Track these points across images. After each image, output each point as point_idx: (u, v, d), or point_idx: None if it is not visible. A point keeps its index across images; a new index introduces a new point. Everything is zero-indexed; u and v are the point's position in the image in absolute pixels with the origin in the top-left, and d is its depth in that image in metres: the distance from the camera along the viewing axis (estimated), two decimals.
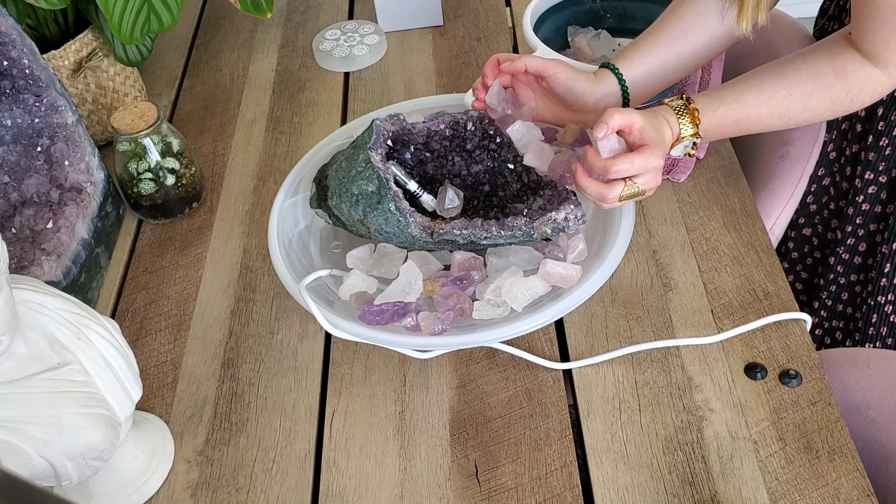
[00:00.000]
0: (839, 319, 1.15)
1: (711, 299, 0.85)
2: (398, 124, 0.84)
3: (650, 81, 0.89)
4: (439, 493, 0.73)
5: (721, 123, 0.82)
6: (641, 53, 0.88)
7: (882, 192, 1.02)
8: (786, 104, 0.80)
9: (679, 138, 0.81)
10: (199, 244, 0.99)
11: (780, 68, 0.82)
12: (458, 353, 0.83)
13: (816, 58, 0.81)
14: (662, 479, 0.72)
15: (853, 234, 1.07)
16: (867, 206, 1.04)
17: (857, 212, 1.05)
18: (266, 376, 0.84)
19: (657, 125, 0.79)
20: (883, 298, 1.06)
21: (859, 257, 1.08)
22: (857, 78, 0.79)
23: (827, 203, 1.10)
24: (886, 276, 1.05)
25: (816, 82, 0.80)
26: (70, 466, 0.66)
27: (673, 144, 0.82)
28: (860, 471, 0.71)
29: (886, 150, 1.00)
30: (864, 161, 1.02)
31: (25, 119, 0.93)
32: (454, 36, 1.25)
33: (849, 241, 1.08)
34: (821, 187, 1.10)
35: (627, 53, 0.89)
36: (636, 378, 0.80)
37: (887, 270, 1.04)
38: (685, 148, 0.83)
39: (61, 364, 0.65)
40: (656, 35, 0.89)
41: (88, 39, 1.05)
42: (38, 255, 0.88)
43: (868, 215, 1.04)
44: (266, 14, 1.08)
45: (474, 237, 0.78)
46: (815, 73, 0.80)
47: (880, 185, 1.02)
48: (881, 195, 1.02)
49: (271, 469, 0.77)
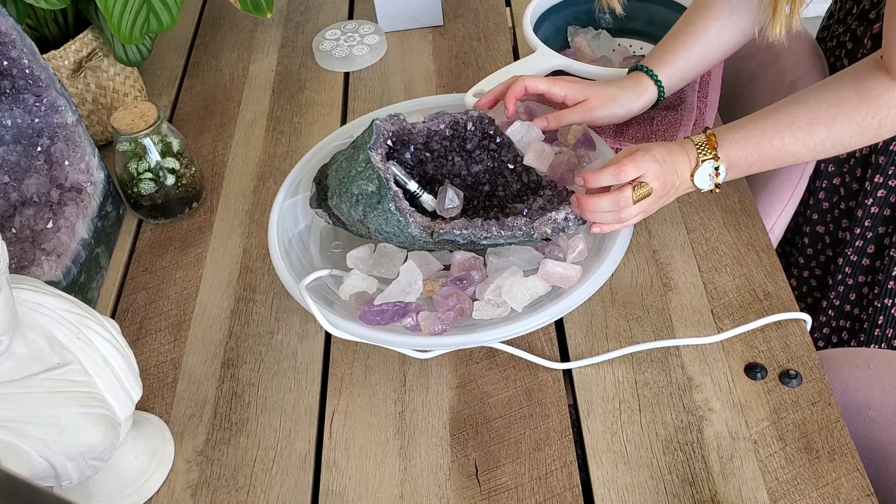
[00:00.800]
0: (846, 319, 1.14)
1: (711, 299, 0.85)
2: (398, 124, 0.84)
3: (681, 82, 0.91)
4: (439, 493, 0.73)
5: (742, 149, 0.80)
6: (677, 56, 0.89)
7: (891, 196, 1.02)
8: (808, 130, 0.78)
9: (698, 163, 0.80)
10: (199, 244, 0.99)
11: (803, 96, 0.80)
12: (458, 353, 0.83)
13: (841, 83, 0.79)
14: (662, 479, 0.72)
15: (861, 236, 1.06)
16: (876, 209, 1.04)
17: (866, 214, 1.04)
18: (266, 376, 0.84)
19: (672, 153, 0.80)
20: (890, 301, 1.06)
21: (867, 259, 1.08)
22: (884, 101, 0.76)
23: (837, 203, 1.10)
24: (894, 278, 1.05)
25: (839, 107, 0.77)
26: (70, 466, 0.65)
27: (693, 172, 0.80)
28: (860, 471, 0.71)
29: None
30: (874, 164, 1.01)
31: (25, 119, 0.93)
32: (454, 36, 1.25)
33: (857, 242, 1.07)
34: (832, 185, 1.10)
35: (663, 56, 0.89)
36: (636, 378, 0.80)
37: (895, 273, 1.04)
38: (710, 178, 0.81)
39: (61, 364, 0.65)
40: (690, 36, 0.89)
41: (88, 39, 1.05)
42: (38, 255, 0.88)
43: (877, 218, 1.04)
44: (266, 14, 1.08)
45: (474, 237, 0.78)
46: (837, 97, 0.78)
47: (889, 188, 1.01)
48: (890, 198, 1.02)
49: (271, 469, 0.77)
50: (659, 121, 1.03)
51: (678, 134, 1.00)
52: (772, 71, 1.17)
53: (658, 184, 0.78)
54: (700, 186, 0.81)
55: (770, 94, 1.16)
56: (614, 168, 0.78)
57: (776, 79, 1.16)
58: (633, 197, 0.78)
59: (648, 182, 0.78)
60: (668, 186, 0.80)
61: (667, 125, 1.02)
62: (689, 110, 1.03)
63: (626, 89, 0.89)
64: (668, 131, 1.01)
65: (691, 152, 0.81)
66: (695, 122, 1.02)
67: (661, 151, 0.79)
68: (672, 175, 0.80)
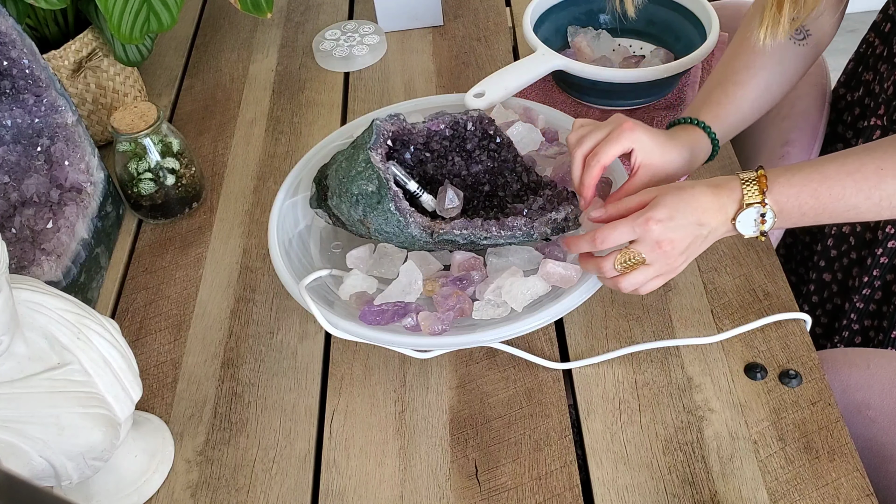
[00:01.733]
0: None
1: (711, 299, 0.85)
2: (398, 124, 0.84)
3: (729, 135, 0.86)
4: (439, 493, 0.73)
5: (797, 195, 0.70)
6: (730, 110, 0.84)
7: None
8: (875, 180, 0.69)
9: (742, 206, 0.71)
10: (199, 244, 0.99)
11: (871, 145, 0.71)
12: (458, 353, 0.83)
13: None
14: (662, 479, 0.72)
15: (869, 283, 1.04)
16: (885, 259, 1.00)
17: (875, 263, 1.02)
18: (266, 376, 0.84)
19: (695, 199, 0.71)
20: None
21: (874, 304, 1.06)
22: None
23: (847, 251, 1.06)
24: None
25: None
26: (70, 466, 0.66)
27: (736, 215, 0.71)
28: (860, 471, 0.71)
29: None
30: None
31: (25, 119, 0.93)
32: (454, 36, 1.25)
33: (864, 290, 1.05)
34: (840, 233, 1.06)
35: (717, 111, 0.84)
36: (636, 378, 0.80)
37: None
38: (755, 224, 0.72)
39: (61, 364, 0.65)
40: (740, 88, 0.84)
41: (88, 39, 1.05)
42: (38, 255, 0.88)
43: (885, 267, 1.02)
44: (266, 14, 1.08)
45: (474, 237, 0.78)
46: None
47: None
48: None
49: (271, 469, 0.77)
50: (659, 121, 1.03)
51: None
52: None
53: (657, 250, 0.71)
54: (743, 232, 0.72)
55: None
56: (590, 235, 0.72)
57: None
58: (618, 267, 0.71)
59: (639, 250, 0.71)
60: (681, 244, 0.71)
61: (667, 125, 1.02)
62: None
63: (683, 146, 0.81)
64: None
65: (734, 193, 0.71)
66: None
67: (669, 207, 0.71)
68: (686, 230, 0.71)
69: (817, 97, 1.10)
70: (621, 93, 1.03)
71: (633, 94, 1.03)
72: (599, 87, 1.02)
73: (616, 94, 1.03)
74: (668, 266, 0.73)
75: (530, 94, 1.08)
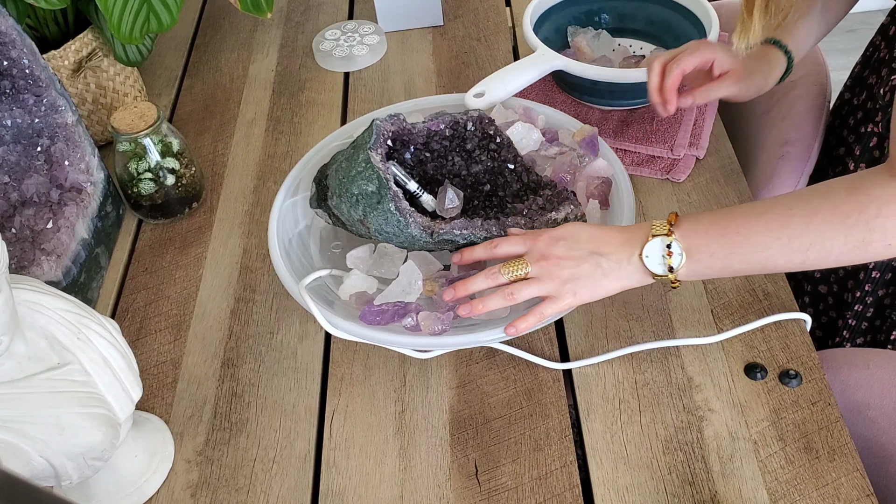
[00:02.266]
0: None
1: (711, 299, 0.85)
2: (398, 124, 0.84)
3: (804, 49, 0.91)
4: (439, 493, 0.73)
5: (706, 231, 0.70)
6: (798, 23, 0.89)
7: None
8: (783, 220, 0.67)
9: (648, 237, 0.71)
10: (199, 244, 0.99)
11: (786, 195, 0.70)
12: (458, 353, 0.83)
13: (836, 181, 0.68)
14: (662, 479, 0.72)
15: (861, 300, 1.04)
16: (877, 274, 1.01)
17: (868, 277, 1.02)
18: (266, 376, 0.84)
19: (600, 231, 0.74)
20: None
21: (866, 322, 1.06)
22: (875, 196, 0.63)
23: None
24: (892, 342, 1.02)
25: (825, 198, 0.66)
26: (70, 466, 0.66)
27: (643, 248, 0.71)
28: (860, 471, 0.71)
29: None
30: None
31: (25, 119, 0.93)
32: (454, 36, 1.25)
33: (857, 306, 1.05)
34: None
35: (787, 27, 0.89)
36: (636, 378, 0.80)
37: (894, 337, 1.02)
38: (662, 259, 0.71)
39: (61, 364, 0.65)
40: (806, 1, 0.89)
41: (88, 39, 1.05)
42: (38, 255, 0.88)
43: (878, 282, 1.02)
44: (266, 14, 1.08)
45: (474, 237, 0.78)
46: (825, 190, 0.67)
47: None
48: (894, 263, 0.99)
49: (271, 469, 0.77)
50: (659, 121, 1.03)
51: (678, 134, 1.00)
52: None
53: (541, 262, 0.72)
54: (651, 268, 0.71)
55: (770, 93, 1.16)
56: (488, 243, 0.75)
57: None
58: (505, 274, 0.73)
59: (528, 261, 0.73)
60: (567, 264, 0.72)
61: (667, 125, 1.02)
62: (688, 110, 1.04)
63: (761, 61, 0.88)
64: (668, 131, 1.01)
65: (642, 230, 0.72)
66: (695, 121, 1.02)
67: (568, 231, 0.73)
68: (576, 253, 0.72)
69: (817, 97, 1.10)
70: (621, 93, 1.03)
71: (633, 94, 1.03)
72: (599, 87, 1.02)
73: (616, 94, 1.03)
74: (551, 285, 0.72)
75: (530, 94, 1.08)
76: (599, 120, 1.04)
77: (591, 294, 0.73)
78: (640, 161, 1.00)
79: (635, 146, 1.00)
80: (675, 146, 0.99)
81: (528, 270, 0.73)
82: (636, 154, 1.01)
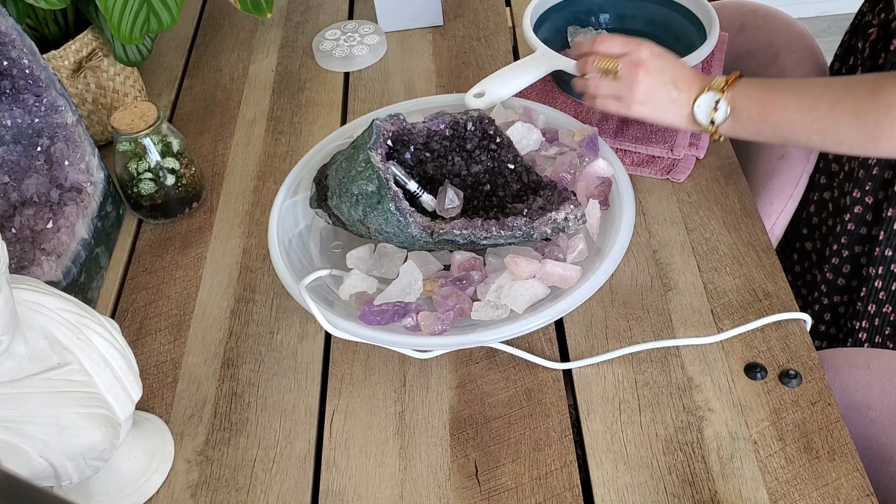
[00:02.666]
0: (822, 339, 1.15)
1: (711, 299, 0.85)
2: (398, 124, 0.84)
3: None
4: (439, 493, 0.73)
5: (750, 96, 0.79)
6: None
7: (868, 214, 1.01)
8: (813, 101, 0.76)
9: (703, 90, 0.80)
10: (199, 244, 0.99)
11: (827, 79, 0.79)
12: (458, 353, 0.83)
13: (867, 75, 0.76)
14: (662, 479, 0.72)
15: (838, 253, 1.06)
16: (853, 226, 1.03)
17: (844, 230, 1.04)
18: (266, 376, 0.84)
19: (683, 67, 0.82)
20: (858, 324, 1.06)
21: (843, 279, 1.07)
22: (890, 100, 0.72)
23: (826, 219, 1.09)
24: (863, 300, 1.04)
25: (849, 91, 0.75)
26: (70, 466, 0.66)
27: (696, 98, 0.80)
28: (860, 471, 0.71)
29: (874, 170, 0.99)
30: (855, 178, 1.01)
31: (25, 119, 0.93)
32: (454, 36, 1.25)
33: (833, 260, 1.07)
34: (822, 199, 1.09)
35: None
36: (636, 378, 0.80)
37: (863, 294, 1.03)
38: (708, 112, 0.80)
39: (61, 364, 0.65)
40: None
41: (88, 39, 1.05)
42: (38, 255, 0.88)
43: (853, 235, 1.03)
44: (266, 14, 1.08)
45: (474, 237, 0.78)
46: (853, 84, 0.76)
47: (866, 205, 1.01)
48: (867, 216, 1.01)
49: (271, 469, 0.77)
50: None
51: (678, 134, 1.00)
52: (772, 71, 1.18)
53: (632, 69, 0.80)
54: (697, 116, 0.81)
55: None
56: (593, 38, 0.84)
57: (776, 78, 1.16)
58: (595, 67, 0.81)
59: (620, 62, 0.81)
60: (650, 81, 0.80)
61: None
62: None
63: None
64: (667, 131, 1.01)
65: (708, 78, 0.80)
66: None
67: (663, 53, 0.82)
68: (661, 76, 0.81)
69: None
70: None
71: None
72: None
73: None
74: (628, 92, 0.82)
75: (530, 94, 1.08)
76: (599, 120, 1.04)
77: (651, 115, 0.84)
78: (641, 161, 1.00)
79: (635, 146, 1.00)
80: (675, 146, 0.99)
81: (618, 68, 0.82)
82: (636, 154, 1.01)
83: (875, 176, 0.99)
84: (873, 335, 1.08)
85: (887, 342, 1.08)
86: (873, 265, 1.02)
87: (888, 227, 0.99)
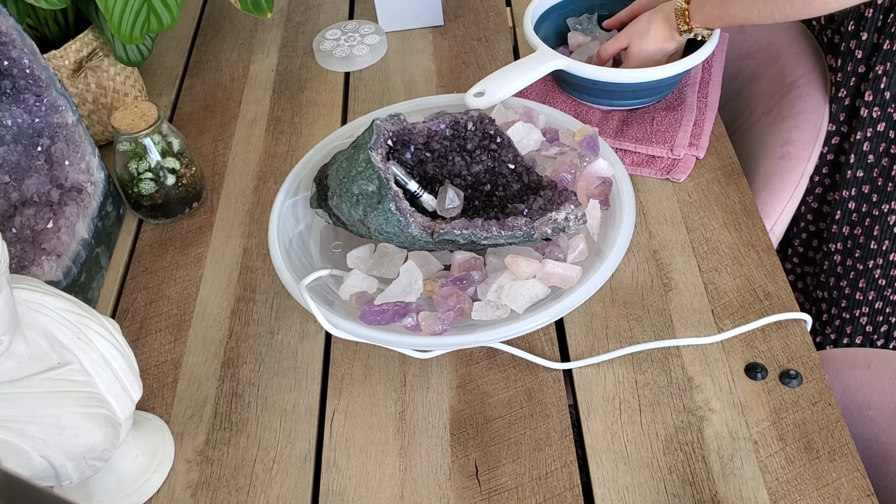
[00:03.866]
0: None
1: (712, 299, 0.85)
2: (398, 124, 0.84)
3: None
4: (439, 493, 0.73)
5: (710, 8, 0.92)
6: None
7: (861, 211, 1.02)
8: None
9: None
10: (200, 244, 0.99)
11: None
12: (458, 353, 0.83)
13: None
14: (662, 479, 0.72)
15: (837, 252, 1.06)
16: (847, 229, 1.04)
17: (840, 231, 1.05)
18: (266, 376, 0.84)
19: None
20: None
21: (843, 279, 1.08)
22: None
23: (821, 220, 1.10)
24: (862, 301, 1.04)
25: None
26: (70, 466, 0.65)
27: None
28: (860, 471, 0.71)
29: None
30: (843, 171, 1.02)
31: (26, 119, 0.93)
32: (454, 36, 1.25)
33: (835, 257, 1.07)
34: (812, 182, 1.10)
35: None
36: (636, 378, 0.80)
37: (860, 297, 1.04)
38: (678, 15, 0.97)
39: (61, 364, 0.65)
40: None
41: (88, 39, 1.05)
42: (38, 255, 0.88)
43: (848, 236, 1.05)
44: (266, 14, 1.08)
45: (474, 237, 0.78)
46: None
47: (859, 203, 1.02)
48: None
49: (271, 469, 0.77)
50: (659, 121, 1.03)
51: (678, 134, 1.00)
52: (772, 70, 1.17)
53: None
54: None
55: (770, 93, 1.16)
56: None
57: (776, 78, 1.16)
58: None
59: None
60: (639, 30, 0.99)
61: (667, 125, 1.02)
62: (689, 110, 1.04)
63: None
64: (668, 131, 1.01)
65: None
66: (695, 122, 1.02)
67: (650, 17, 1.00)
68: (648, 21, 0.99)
69: (817, 96, 1.10)
70: (621, 93, 1.03)
71: (634, 95, 1.03)
72: (599, 87, 1.02)
73: (616, 95, 1.03)
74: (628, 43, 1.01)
75: (530, 94, 1.08)
76: (599, 120, 1.04)
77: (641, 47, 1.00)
78: (641, 161, 1.00)
79: (635, 146, 1.00)
80: (676, 146, 0.99)
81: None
82: (636, 154, 1.01)
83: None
84: (873, 335, 1.08)
85: (888, 342, 1.08)
86: (871, 259, 1.02)
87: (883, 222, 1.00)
